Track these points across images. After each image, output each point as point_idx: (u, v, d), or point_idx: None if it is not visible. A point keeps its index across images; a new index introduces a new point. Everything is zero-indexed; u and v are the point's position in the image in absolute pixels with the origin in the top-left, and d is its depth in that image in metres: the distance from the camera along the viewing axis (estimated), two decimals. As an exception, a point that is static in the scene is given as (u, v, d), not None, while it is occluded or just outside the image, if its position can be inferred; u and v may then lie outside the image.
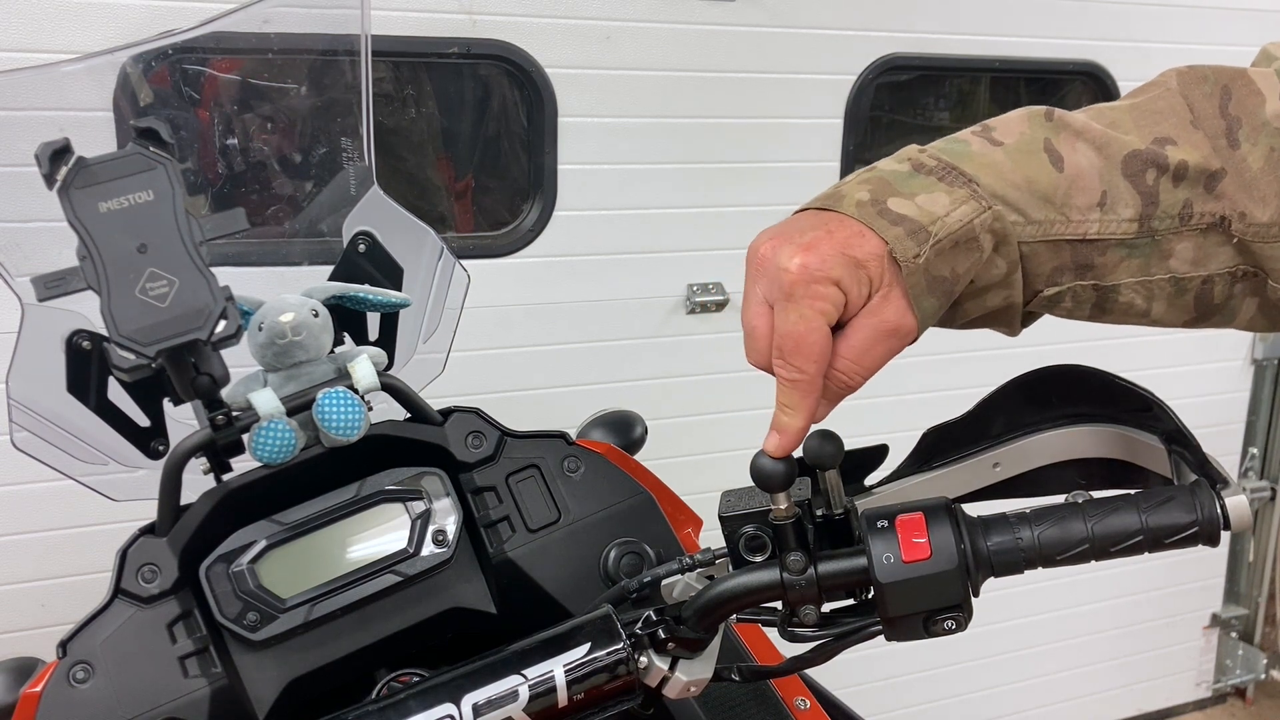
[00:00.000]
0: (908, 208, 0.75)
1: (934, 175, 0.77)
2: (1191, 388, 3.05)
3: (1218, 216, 0.77)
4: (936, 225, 0.74)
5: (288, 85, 1.49)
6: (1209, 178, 0.77)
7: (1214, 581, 3.37)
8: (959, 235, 0.74)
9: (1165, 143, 0.78)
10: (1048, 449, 0.87)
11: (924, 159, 0.79)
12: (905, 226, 0.74)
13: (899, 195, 0.76)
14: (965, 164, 0.77)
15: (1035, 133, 0.79)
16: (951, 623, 0.73)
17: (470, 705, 0.79)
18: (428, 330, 1.14)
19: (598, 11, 2.27)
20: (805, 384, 0.74)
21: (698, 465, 1.98)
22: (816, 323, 0.73)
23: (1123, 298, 0.80)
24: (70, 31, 1.90)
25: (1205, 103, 0.80)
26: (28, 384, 1.01)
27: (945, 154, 0.79)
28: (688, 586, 0.84)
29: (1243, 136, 0.78)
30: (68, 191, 0.86)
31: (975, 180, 0.76)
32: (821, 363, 0.74)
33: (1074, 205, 0.77)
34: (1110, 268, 0.79)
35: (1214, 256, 0.79)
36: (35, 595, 2.08)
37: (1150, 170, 0.77)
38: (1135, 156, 0.78)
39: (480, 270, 2.11)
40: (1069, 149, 0.78)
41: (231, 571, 0.90)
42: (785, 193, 2.50)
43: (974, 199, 0.75)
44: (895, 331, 0.75)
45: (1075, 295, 0.80)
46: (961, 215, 0.75)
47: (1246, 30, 2.86)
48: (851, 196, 0.77)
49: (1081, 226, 0.77)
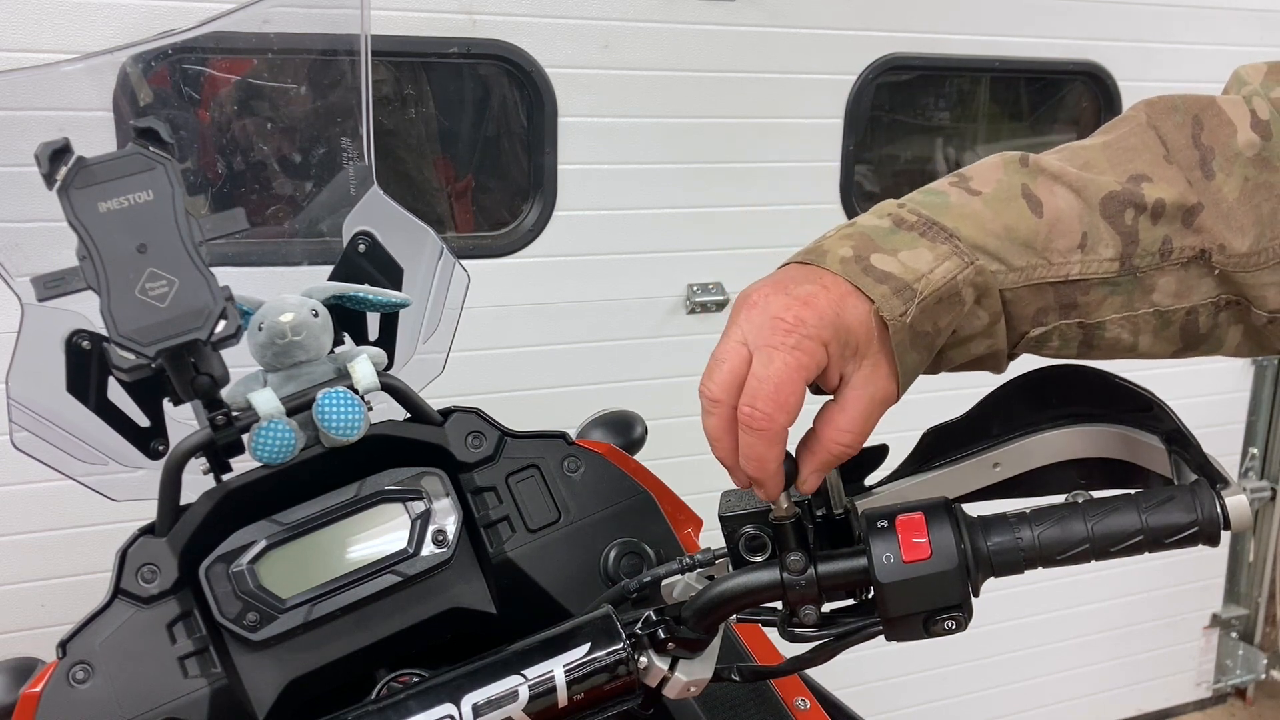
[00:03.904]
0: (891, 265, 0.75)
1: (915, 230, 0.77)
2: (1191, 388, 3.05)
3: (1198, 250, 0.78)
4: (921, 283, 0.74)
5: (288, 85, 1.49)
6: (1186, 213, 0.78)
7: (1214, 581, 3.37)
8: (943, 292, 0.75)
9: (1141, 180, 0.78)
10: (1048, 449, 0.86)
11: (904, 214, 0.79)
12: (890, 285, 0.74)
13: (881, 251, 0.76)
14: (944, 217, 0.77)
15: (1012, 179, 0.79)
16: (951, 623, 0.73)
17: (470, 705, 0.79)
18: (428, 330, 1.14)
19: (598, 11, 2.27)
20: (770, 434, 0.72)
21: (698, 465, 1.97)
22: (798, 375, 0.72)
23: (1109, 334, 0.80)
24: (70, 31, 1.90)
25: (1177, 133, 0.80)
26: (28, 384, 1.01)
27: (924, 207, 0.79)
28: (688, 586, 0.84)
29: (1217, 167, 0.78)
30: (67, 191, 0.86)
31: (956, 234, 0.76)
32: (790, 415, 0.73)
33: (1055, 249, 0.77)
34: (1094, 306, 0.79)
35: (1196, 288, 0.79)
36: (35, 595, 2.08)
37: (1129, 210, 0.78)
38: (1113, 198, 0.78)
39: (480, 270, 2.11)
40: (1047, 193, 0.78)
41: (231, 571, 0.90)
42: (785, 193, 2.51)
43: (956, 254, 0.76)
44: (885, 400, 0.77)
45: (1062, 334, 0.80)
46: (945, 271, 0.75)
47: (1247, 30, 2.86)
48: (835, 253, 0.76)
49: (1063, 269, 0.78)
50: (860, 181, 2.67)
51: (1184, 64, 2.80)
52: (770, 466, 0.74)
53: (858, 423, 0.75)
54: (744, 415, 0.73)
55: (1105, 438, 0.85)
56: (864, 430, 0.76)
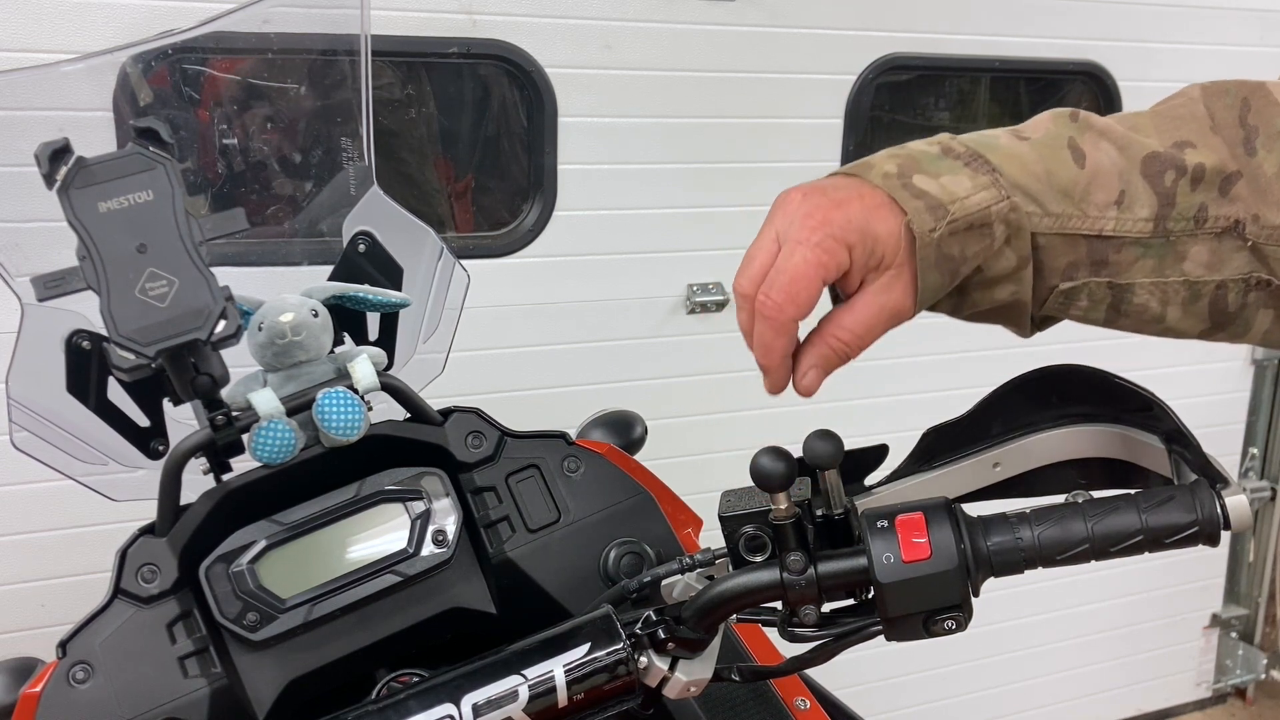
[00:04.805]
0: (931, 185, 0.78)
1: (960, 160, 0.80)
2: (1191, 388, 3.05)
3: (1232, 220, 0.79)
4: (956, 205, 0.77)
5: (288, 85, 1.49)
6: (1224, 180, 0.79)
7: (1214, 581, 3.37)
8: (975, 218, 0.77)
9: (1184, 146, 0.80)
10: (1048, 449, 0.87)
11: (954, 145, 0.81)
12: (925, 201, 0.77)
13: (924, 173, 0.78)
14: (991, 154, 0.80)
15: (1060, 130, 0.82)
16: (951, 623, 0.73)
17: (470, 705, 0.79)
18: (428, 330, 1.14)
19: (598, 11, 2.27)
20: (779, 323, 0.76)
21: (698, 465, 1.98)
22: (815, 271, 0.75)
23: (1137, 298, 0.81)
24: (70, 31, 1.90)
25: (1225, 113, 0.82)
26: (28, 384, 1.01)
27: (974, 143, 0.81)
28: (688, 586, 0.84)
29: (1259, 144, 0.79)
30: (67, 191, 0.86)
31: (999, 170, 0.79)
32: (801, 309, 0.76)
33: (1092, 201, 0.79)
34: (1125, 266, 0.80)
35: (1228, 261, 0.80)
36: (35, 595, 2.08)
37: (1169, 172, 0.79)
38: (1154, 158, 0.80)
39: (480, 270, 2.11)
40: (1091, 147, 0.80)
41: (231, 571, 0.90)
42: (785, 193, 2.51)
43: (995, 187, 0.78)
44: (897, 312, 0.78)
45: (1091, 293, 0.81)
46: (981, 200, 0.77)
47: (1247, 30, 2.86)
48: (879, 167, 0.79)
49: (1098, 223, 0.79)
50: (860, 181, 2.66)
51: (1184, 64, 2.80)
52: (775, 356, 0.77)
53: (862, 324, 0.78)
54: (758, 302, 0.76)
55: (1105, 438, 0.85)
56: (866, 334, 0.78)
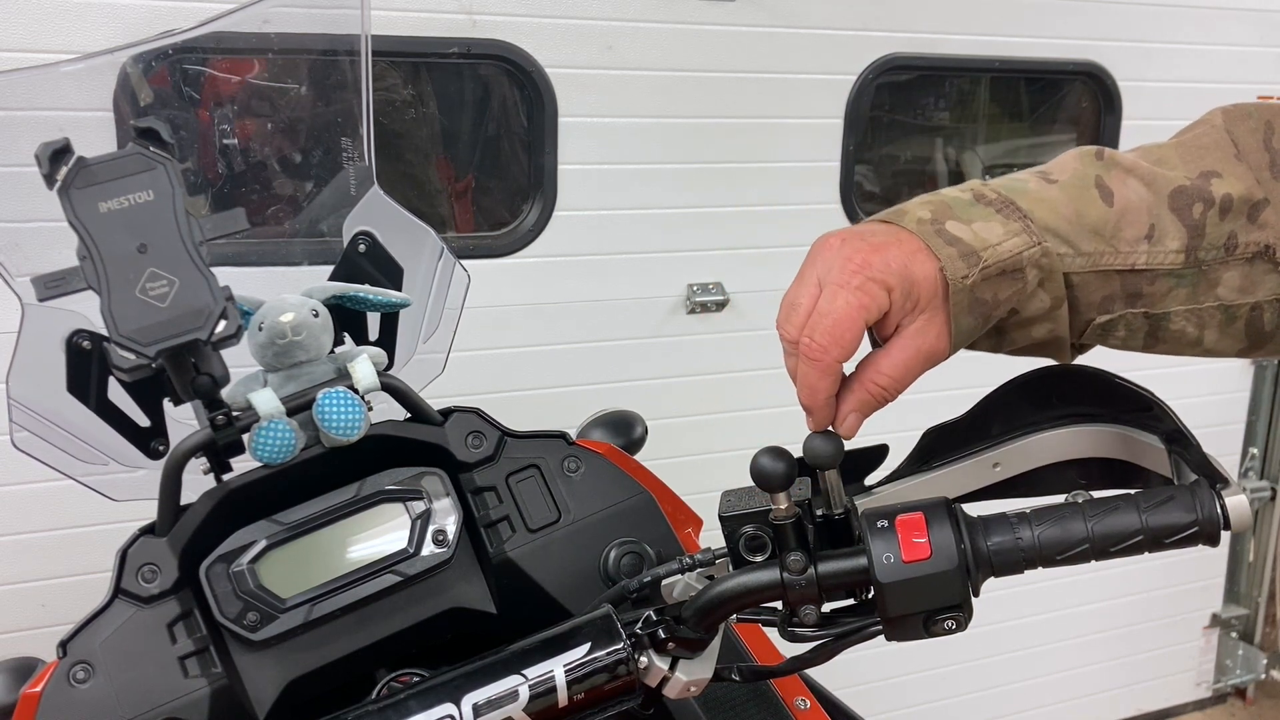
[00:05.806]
0: (964, 232, 0.79)
1: (993, 207, 0.81)
2: (1191, 388, 3.05)
3: (1262, 245, 0.81)
4: (988, 252, 0.78)
5: (288, 85, 1.49)
6: (1252, 208, 0.81)
7: (1214, 581, 3.37)
8: (1007, 264, 0.79)
9: (1211, 176, 0.81)
10: (1048, 449, 0.87)
11: (985, 191, 0.83)
12: (959, 248, 0.78)
13: (957, 220, 0.80)
14: (1021, 200, 0.81)
15: (1087, 170, 0.83)
16: (951, 623, 0.73)
17: (470, 705, 0.79)
18: (428, 330, 1.14)
19: (598, 11, 2.27)
20: (824, 365, 0.77)
21: (698, 465, 1.98)
22: (857, 314, 0.76)
23: (1174, 325, 0.83)
24: (70, 31, 1.90)
25: (1249, 138, 0.83)
26: (28, 384, 1.01)
27: (1005, 189, 0.83)
28: (688, 586, 0.84)
29: None
30: (68, 191, 0.86)
31: (1029, 215, 0.80)
32: (845, 351, 0.77)
33: (1123, 238, 0.81)
34: (1159, 296, 0.82)
35: (1260, 284, 0.82)
36: (35, 595, 2.08)
37: (1197, 204, 0.81)
38: (1181, 191, 0.81)
39: (480, 270, 2.11)
40: (1119, 184, 0.82)
41: (231, 571, 0.90)
42: (785, 193, 2.51)
43: (1026, 233, 0.80)
44: (933, 355, 0.80)
45: (1128, 324, 0.83)
46: (1012, 246, 0.79)
47: (1247, 30, 2.86)
48: (913, 213, 0.81)
49: (1130, 258, 0.81)
50: (860, 182, 2.67)
51: (1184, 64, 2.80)
52: (820, 397, 0.78)
53: (899, 368, 0.79)
54: (803, 345, 0.77)
55: (1105, 438, 0.85)
56: (903, 378, 0.80)
